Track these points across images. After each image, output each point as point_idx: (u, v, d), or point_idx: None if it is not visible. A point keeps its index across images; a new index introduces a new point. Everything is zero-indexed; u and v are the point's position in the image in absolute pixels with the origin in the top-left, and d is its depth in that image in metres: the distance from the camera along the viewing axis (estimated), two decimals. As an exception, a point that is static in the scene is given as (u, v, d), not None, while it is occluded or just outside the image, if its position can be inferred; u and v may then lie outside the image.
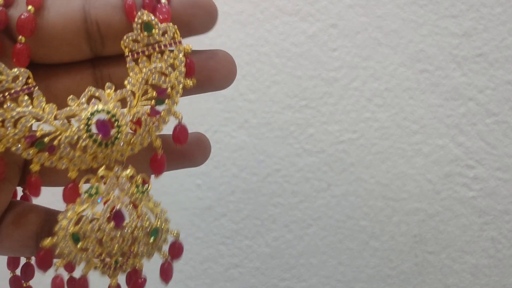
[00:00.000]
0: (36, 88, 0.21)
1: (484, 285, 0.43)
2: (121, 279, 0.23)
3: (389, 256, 0.43)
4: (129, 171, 0.22)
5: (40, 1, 0.21)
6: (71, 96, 0.21)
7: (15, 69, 0.20)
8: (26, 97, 0.21)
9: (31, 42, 0.21)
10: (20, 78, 0.20)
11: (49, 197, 0.25)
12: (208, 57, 0.23)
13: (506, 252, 0.42)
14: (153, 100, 0.22)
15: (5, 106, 0.20)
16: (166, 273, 0.24)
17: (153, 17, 0.22)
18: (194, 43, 0.24)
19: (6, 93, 0.20)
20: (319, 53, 0.43)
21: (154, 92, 0.22)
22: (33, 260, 0.25)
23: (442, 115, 0.42)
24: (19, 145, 0.21)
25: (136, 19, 0.22)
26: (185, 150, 0.24)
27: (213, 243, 0.46)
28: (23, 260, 0.25)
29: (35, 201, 0.24)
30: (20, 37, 0.21)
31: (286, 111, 0.44)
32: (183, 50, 0.22)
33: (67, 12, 0.21)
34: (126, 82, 0.22)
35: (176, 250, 0.24)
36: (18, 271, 0.25)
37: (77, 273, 0.23)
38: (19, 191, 0.24)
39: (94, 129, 0.21)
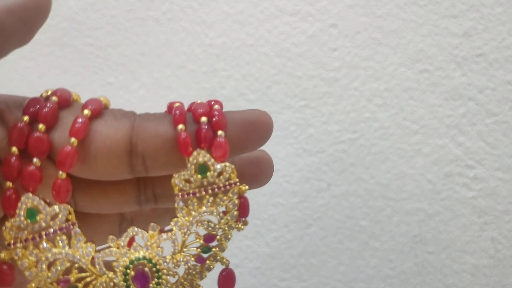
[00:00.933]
0: (75, 226, 0.20)
1: (484, 285, 0.43)
2: None
3: (389, 256, 0.43)
4: None
5: (84, 133, 0.19)
6: (111, 236, 0.20)
7: (56, 207, 0.19)
8: (64, 237, 0.19)
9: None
10: (60, 216, 0.19)
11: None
12: (249, 162, 0.22)
13: (506, 252, 0.42)
14: (200, 248, 0.21)
15: (40, 246, 0.19)
16: None
17: (209, 158, 0.20)
18: (194, 43, 0.23)
19: (43, 233, 0.19)
20: (319, 53, 0.43)
21: (202, 239, 0.21)
22: None
23: (442, 115, 0.42)
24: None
25: (191, 159, 0.20)
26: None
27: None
28: None
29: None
30: (60, 172, 0.19)
31: (286, 111, 0.44)
32: (238, 192, 0.20)
33: (112, 145, 0.20)
34: (172, 223, 0.20)
35: None
36: None
37: None
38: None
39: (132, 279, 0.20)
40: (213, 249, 0.21)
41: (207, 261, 0.21)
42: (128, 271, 0.20)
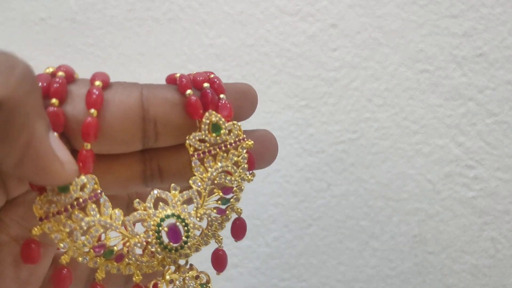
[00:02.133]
0: (103, 194, 0.20)
1: (484, 285, 0.43)
2: None
3: (389, 256, 0.43)
4: (194, 272, 0.22)
5: (102, 103, 0.20)
6: (137, 199, 0.21)
7: (83, 177, 0.19)
8: (93, 205, 0.20)
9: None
10: (88, 186, 0.20)
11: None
12: (254, 141, 0.23)
13: (506, 252, 0.42)
14: (219, 200, 0.22)
15: (73, 216, 0.19)
16: None
17: (220, 117, 0.21)
18: (194, 43, 0.23)
19: (75, 203, 0.19)
20: (319, 53, 0.43)
21: (220, 192, 0.22)
22: None
23: (442, 115, 0.42)
24: (87, 256, 0.20)
25: (204, 120, 0.21)
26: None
27: (213, 243, 0.46)
28: None
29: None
30: (85, 144, 0.19)
31: (286, 111, 0.44)
32: (246, 147, 0.22)
33: (126, 110, 0.20)
34: (191, 182, 0.21)
35: None
36: None
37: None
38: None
39: (163, 235, 0.21)
40: (231, 200, 0.22)
41: (226, 212, 0.22)
42: (160, 228, 0.21)
